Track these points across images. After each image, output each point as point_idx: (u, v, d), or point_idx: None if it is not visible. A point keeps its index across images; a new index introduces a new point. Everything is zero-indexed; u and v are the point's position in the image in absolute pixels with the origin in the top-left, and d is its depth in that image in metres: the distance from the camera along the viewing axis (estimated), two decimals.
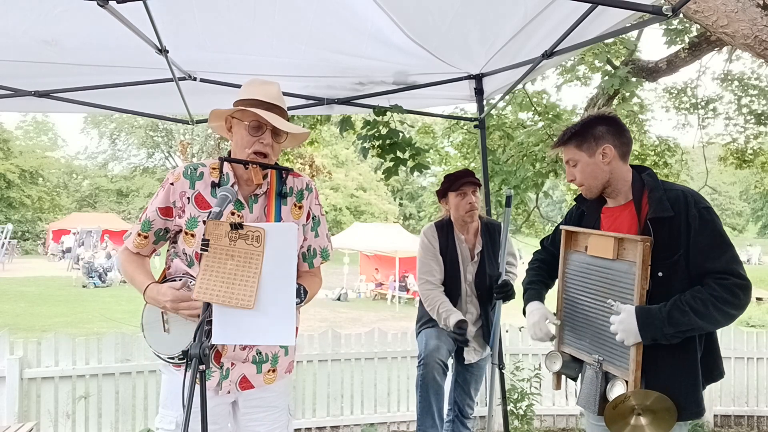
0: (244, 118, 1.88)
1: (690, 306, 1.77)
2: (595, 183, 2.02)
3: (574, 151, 2.02)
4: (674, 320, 1.78)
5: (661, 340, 1.81)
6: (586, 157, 2.00)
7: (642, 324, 1.81)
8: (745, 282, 1.79)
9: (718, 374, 1.94)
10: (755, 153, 9.67)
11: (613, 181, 2.00)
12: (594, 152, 1.98)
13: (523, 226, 9.90)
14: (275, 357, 2.00)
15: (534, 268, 2.37)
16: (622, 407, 1.84)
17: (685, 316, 1.77)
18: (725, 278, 1.78)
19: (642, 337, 1.81)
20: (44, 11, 2.55)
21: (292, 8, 2.74)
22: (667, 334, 1.79)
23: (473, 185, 3.12)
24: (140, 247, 1.96)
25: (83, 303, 15.03)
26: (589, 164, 2.00)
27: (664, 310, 1.80)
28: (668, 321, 1.78)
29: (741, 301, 1.78)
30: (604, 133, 1.98)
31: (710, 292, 1.78)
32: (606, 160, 1.97)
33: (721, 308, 1.76)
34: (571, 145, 2.02)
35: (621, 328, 1.85)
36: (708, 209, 1.86)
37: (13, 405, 3.95)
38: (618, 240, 1.94)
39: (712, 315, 1.76)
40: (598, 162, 1.98)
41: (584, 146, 2.00)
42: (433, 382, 3.00)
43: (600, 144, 1.98)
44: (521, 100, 7.37)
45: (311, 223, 2.07)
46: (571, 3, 2.21)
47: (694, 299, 1.78)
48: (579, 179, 2.05)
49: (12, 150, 32.94)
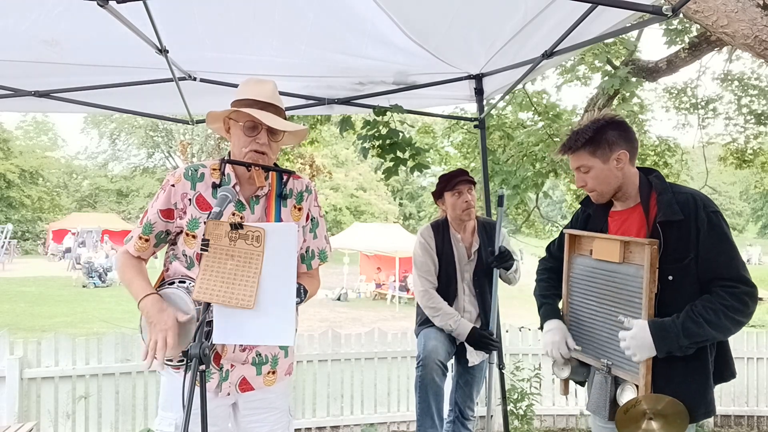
0: (239, 118, 1.88)
1: (703, 317, 1.76)
2: (607, 189, 1.98)
3: (587, 158, 1.96)
4: (689, 332, 1.76)
5: (676, 353, 1.80)
6: (600, 163, 1.94)
7: (657, 338, 1.78)
8: (754, 290, 1.79)
9: (729, 375, 1.93)
10: (755, 153, 9.66)
11: (623, 185, 1.97)
12: (608, 158, 1.93)
13: (523, 226, 9.90)
14: (275, 359, 2.00)
15: (544, 279, 2.31)
16: (633, 412, 1.82)
17: (700, 328, 1.75)
18: (735, 287, 1.77)
19: (657, 351, 1.79)
20: (44, 11, 2.55)
21: (292, 8, 2.74)
22: (683, 346, 1.78)
23: (468, 183, 3.12)
24: (141, 250, 1.95)
25: (83, 303, 15.04)
26: (603, 171, 1.95)
27: (677, 323, 1.78)
28: (684, 333, 1.77)
29: (750, 309, 1.78)
30: (617, 139, 1.94)
31: (721, 301, 1.76)
32: (620, 165, 1.94)
33: (733, 317, 1.76)
34: (585, 151, 1.95)
35: (633, 344, 1.82)
36: (717, 213, 1.84)
37: (13, 405, 3.96)
38: (624, 243, 1.92)
39: (724, 324, 1.76)
40: (612, 168, 1.94)
41: (598, 153, 1.94)
42: (432, 384, 3.00)
43: (614, 150, 1.93)
44: (521, 100, 7.37)
45: (310, 224, 2.07)
46: (571, 3, 2.20)
47: (706, 310, 1.76)
48: (591, 185, 1.99)
49: (12, 150, 32.94)
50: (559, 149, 2.07)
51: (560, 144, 2.06)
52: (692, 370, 1.84)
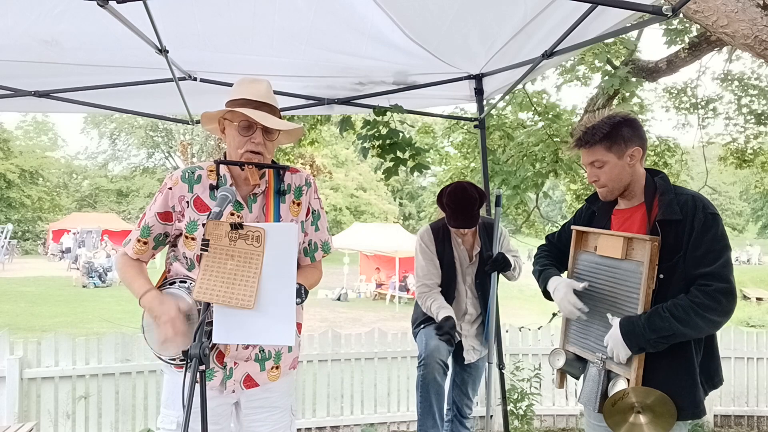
0: (234, 118, 1.88)
1: (670, 312, 1.80)
2: (618, 185, 2.02)
3: (602, 152, 1.99)
4: (654, 326, 1.81)
5: (648, 348, 1.84)
6: (615, 158, 1.98)
7: (625, 333, 1.85)
8: (729, 286, 1.79)
9: (718, 381, 1.95)
10: (755, 153, 9.67)
11: (632, 183, 2.01)
12: (623, 154, 1.97)
13: (523, 226, 9.90)
14: (278, 354, 2.01)
15: (543, 256, 2.36)
16: (621, 404, 1.85)
17: (665, 322, 1.80)
18: (708, 284, 1.79)
19: (629, 347, 1.85)
20: (44, 11, 2.55)
21: (292, 8, 2.74)
22: (650, 339, 1.81)
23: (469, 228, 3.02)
24: (140, 253, 1.95)
25: (83, 303, 15.04)
26: (617, 166, 1.98)
27: (643, 317, 1.84)
28: (648, 327, 1.82)
29: (724, 307, 1.78)
30: (632, 136, 1.98)
31: (691, 299, 1.80)
32: (632, 162, 1.98)
33: (703, 315, 1.78)
34: (601, 146, 1.99)
35: (611, 343, 1.90)
36: (714, 216, 1.86)
37: (13, 405, 3.95)
38: (627, 240, 1.95)
39: (693, 321, 1.78)
40: (625, 164, 1.98)
41: (614, 148, 1.97)
42: (433, 383, 3.00)
43: (630, 146, 1.97)
44: (521, 100, 7.37)
45: (311, 217, 2.07)
46: (571, 3, 2.21)
47: (675, 306, 1.81)
48: (603, 180, 2.02)
49: (12, 150, 32.94)
50: (573, 143, 2.08)
51: (575, 138, 2.07)
52: (678, 368, 1.87)
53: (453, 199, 2.95)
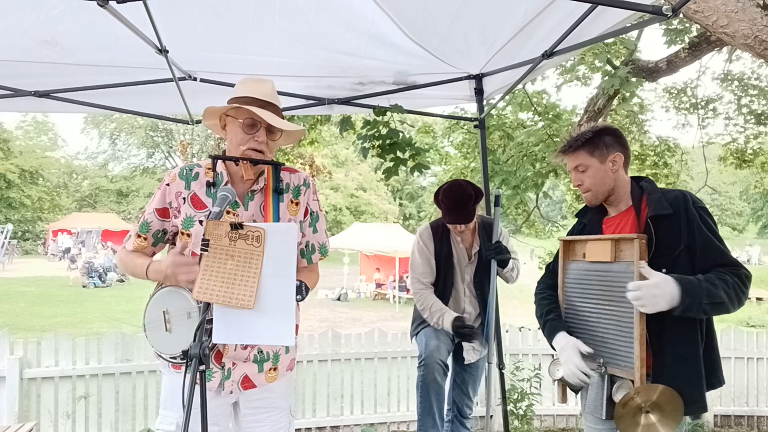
0: (239, 115, 1.88)
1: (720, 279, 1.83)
2: (602, 189, 2.08)
3: (585, 157, 2.08)
4: (709, 291, 1.81)
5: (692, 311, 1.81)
6: (597, 163, 2.07)
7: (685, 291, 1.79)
8: (750, 274, 1.89)
9: (717, 382, 1.96)
10: (755, 153, 9.66)
11: (616, 188, 2.08)
12: (605, 159, 2.06)
13: (523, 226, 9.89)
14: (276, 355, 2.00)
15: (545, 297, 2.30)
16: (629, 407, 1.84)
17: (717, 289, 1.81)
18: (737, 269, 1.88)
19: (681, 302, 1.79)
20: (44, 11, 2.55)
21: (292, 8, 2.74)
22: (703, 303, 1.81)
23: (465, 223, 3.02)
24: (140, 249, 1.97)
25: (83, 303, 15.05)
26: (600, 170, 2.07)
27: (702, 279, 1.83)
28: (705, 292, 1.80)
29: (748, 291, 1.87)
30: (614, 142, 2.07)
31: (729, 276, 1.85)
32: (615, 167, 2.06)
33: (736, 290, 1.84)
34: (584, 151, 2.08)
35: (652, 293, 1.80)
36: (705, 209, 1.95)
37: (13, 405, 3.95)
38: (614, 242, 1.99)
39: (731, 294, 1.82)
40: (607, 169, 2.06)
41: (596, 152, 2.07)
42: (433, 383, 3.00)
43: (611, 152, 2.06)
44: (521, 100, 7.37)
45: (309, 219, 2.07)
46: (571, 3, 2.21)
47: (719, 277, 1.84)
48: (587, 184, 2.10)
49: (12, 150, 32.98)
50: (558, 152, 2.19)
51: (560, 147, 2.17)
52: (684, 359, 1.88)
53: (448, 195, 2.98)
